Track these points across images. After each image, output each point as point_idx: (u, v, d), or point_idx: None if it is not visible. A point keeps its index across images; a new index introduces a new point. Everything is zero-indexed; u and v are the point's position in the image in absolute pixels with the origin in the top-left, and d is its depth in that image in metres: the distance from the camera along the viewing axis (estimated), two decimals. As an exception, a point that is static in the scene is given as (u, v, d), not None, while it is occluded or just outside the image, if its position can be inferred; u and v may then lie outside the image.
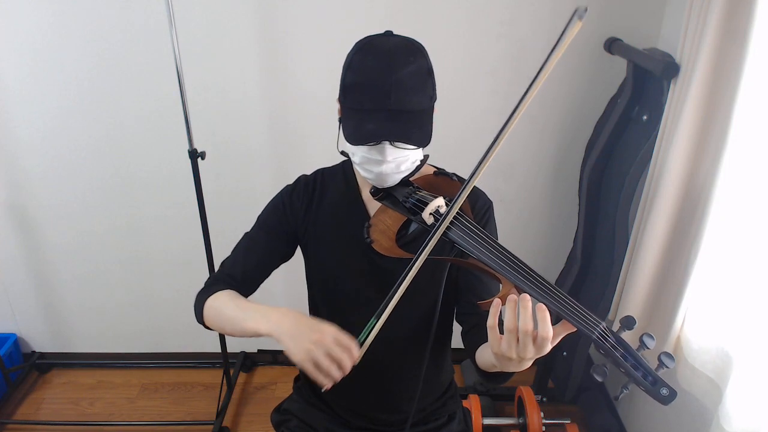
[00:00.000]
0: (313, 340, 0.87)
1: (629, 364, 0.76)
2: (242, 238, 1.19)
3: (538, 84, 0.80)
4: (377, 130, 0.94)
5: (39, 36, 1.88)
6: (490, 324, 0.78)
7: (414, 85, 0.94)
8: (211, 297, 1.08)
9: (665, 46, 1.76)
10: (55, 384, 2.42)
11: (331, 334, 0.88)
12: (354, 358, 0.88)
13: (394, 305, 0.89)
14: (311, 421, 1.29)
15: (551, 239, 2.26)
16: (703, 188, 1.38)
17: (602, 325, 0.78)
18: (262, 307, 0.98)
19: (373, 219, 1.03)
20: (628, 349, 0.77)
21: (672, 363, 0.75)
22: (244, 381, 2.43)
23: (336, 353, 0.87)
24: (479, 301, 0.85)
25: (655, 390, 0.75)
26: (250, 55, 1.92)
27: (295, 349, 0.88)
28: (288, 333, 0.90)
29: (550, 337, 0.75)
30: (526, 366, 0.82)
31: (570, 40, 0.77)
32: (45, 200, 2.16)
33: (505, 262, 0.84)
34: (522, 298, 0.75)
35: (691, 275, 1.42)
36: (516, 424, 2.08)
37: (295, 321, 0.92)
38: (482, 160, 0.86)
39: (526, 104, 0.81)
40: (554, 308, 0.78)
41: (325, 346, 0.87)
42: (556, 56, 0.78)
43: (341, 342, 0.88)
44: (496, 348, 0.79)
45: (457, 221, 0.90)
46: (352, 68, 0.96)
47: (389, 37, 0.98)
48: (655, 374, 0.75)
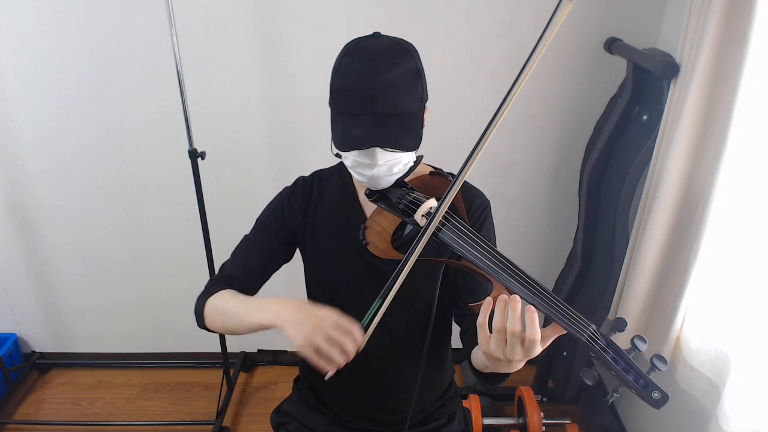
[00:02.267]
0: (313, 325, 0.87)
1: (620, 367, 0.75)
2: (242, 240, 1.19)
3: (529, 70, 0.80)
4: (364, 135, 0.92)
5: (39, 36, 1.88)
6: (480, 322, 0.78)
7: (401, 87, 0.93)
8: (211, 297, 1.08)
9: (665, 46, 1.76)
10: (55, 384, 2.42)
11: (331, 319, 0.88)
12: (357, 342, 0.87)
13: (397, 289, 0.87)
14: (311, 423, 1.28)
15: (551, 239, 2.26)
16: (703, 188, 1.38)
17: (592, 327, 0.77)
18: (262, 300, 0.98)
19: (369, 221, 1.02)
20: (618, 352, 0.76)
21: (664, 366, 0.75)
22: (244, 381, 2.43)
23: (337, 336, 0.86)
24: (471, 303, 0.85)
25: (647, 393, 0.75)
26: (250, 54, 1.92)
27: (296, 335, 0.88)
28: (289, 321, 0.90)
29: (538, 340, 0.75)
30: (516, 367, 0.81)
31: (560, 24, 0.76)
32: (45, 200, 2.16)
33: (495, 264, 0.83)
34: (511, 299, 0.75)
35: (690, 275, 1.42)
36: (516, 424, 2.08)
37: (296, 309, 0.92)
38: (469, 158, 0.85)
39: (516, 93, 0.81)
40: (544, 310, 0.78)
41: (325, 330, 0.87)
42: (546, 40, 0.78)
43: (342, 326, 0.87)
44: (485, 347, 0.79)
45: (448, 222, 0.90)
46: (340, 72, 0.95)
47: (377, 38, 0.97)
48: (646, 377, 0.75)
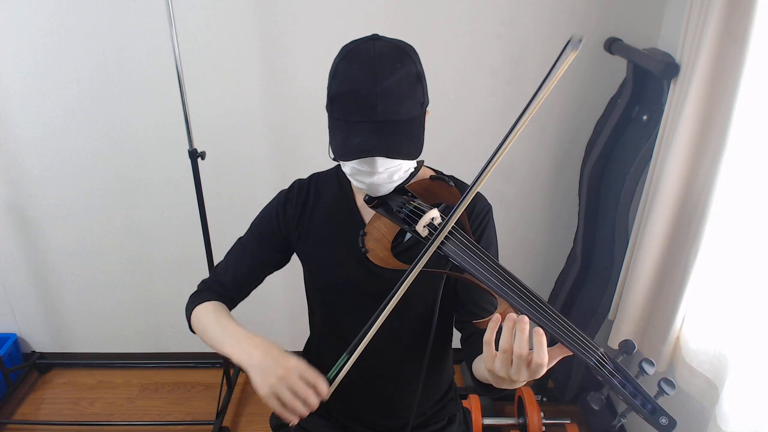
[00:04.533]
0: (279, 375, 0.86)
1: (627, 392, 0.73)
2: (235, 243, 1.18)
3: (530, 114, 0.78)
4: (364, 144, 0.89)
5: (39, 36, 1.88)
6: (487, 339, 0.76)
7: (402, 93, 0.90)
8: (198, 307, 1.08)
9: (665, 46, 1.76)
10: (55, 384, 2.42)
11: (297, 370, 0.87)
12: (322, 395, 0.87)
13: (372, 336, 0.86)
14: (311, 427, 1.27)
15: (551, 239, 2.26)
16: (703, 188, 1.38)
17: (600, 350, 0.75)
18: (239, 333, 0.97)
19: (368, 227, 0.99)
20: (626, 376, 0.74)
21: (672, 390, 0.73)
22: (244, 381, 2.43)
23: (300, 389, 0.86)
24: (475, 321, 0.84)
25: (654, 419, 0.73)
26: (250, 55, 1.92)
27: (260, 383, 0.88)
28: (256, 366, 0.89)
29: (544, 364, 0.73)
30: (518, 386, 0.80)
31: (564, 71, 0.76)
32: (45, 200, 2.16)
33: (501, 282, 0.81)
34: (520, 321, 0.73)
35: (690, 275, 1.42)
36: (516, 424, 2.08)
37: (265, 353, 0.91)
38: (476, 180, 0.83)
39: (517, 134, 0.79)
40: (551, 331, 0.76)
41: (290, 382, 0.86)
42: (549, 86, 0.76)
43: (307, 378, 0.87)
44: (490, 364, 0.77)
45: (452, 236, 0.86)
46: (338, 77, 0.92)
47: (375, 41, 0.92)
48: (654, 402, 0.73)
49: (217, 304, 1.09)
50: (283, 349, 0.92)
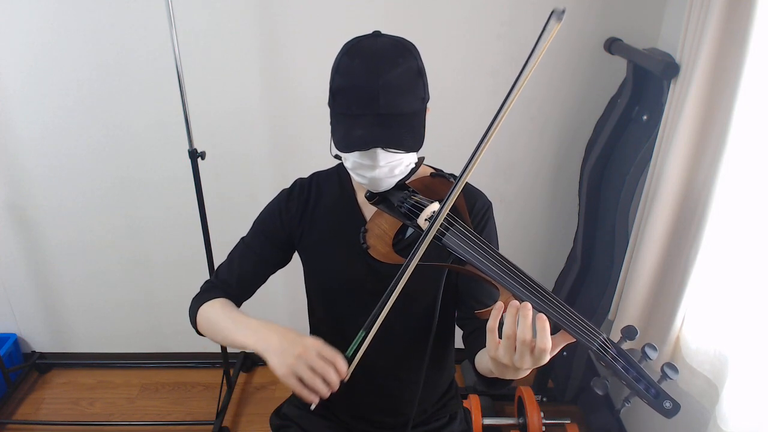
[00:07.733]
0: (297, 354, 0.86)
1: (631, 377, 0.74)
2: (238, 242, 1.18)
3: (519, 88, 0.79)
4: (366, 136, 0.91)
5: (39, 36, 1.88)
6: (490, 326, 0.77)
7: (403, 87, 0.92)
8: (204, 305, 1.08)
9: (665, 46, 1.76)
10: (55, 384, 2.42)
11: (315, 348, 0.87)
12: (341, 372, 0.87)
13: (384, 316, 0.86)
14: (311, 427, 1.27)
15: (551, 239, 2.26)
16: (703, 189, 1.38)
17: (602, 335, 0.76)
18: (251, 322, 0.98)
19: (369, 223, 1.00)
20: (629, 361, 0.74)
21: (676, 375, 0.73)
22: (244, 381, 2.43)
23: (319, 367, 0.86)
24: (477, 311, 0.84)
25: (658, 403, 0.73)
26: (250, 54, 1.92)
27: (278, 364, 0.88)
28: (273, 349, 0.90)
29: (548, 349, 0.74)
30: (522, 375, 0.80)
31: (549, 43, 0.76)
32: (45, 200, 2.16)
33: (503, 271, 0.81)
34: (523, 307, 0.74)
35: (690, 275, 1.42)
36: (516, 424, 2.08)
37: (281, 335, 0.91)
38: (470, 160, 0.84)
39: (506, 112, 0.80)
40: (553, 318, 0.77)
41: (308, 359, 0.86)
42: (536, 60, 0.77)
43: (325, 355, 0.87)
44: (493, 352, 0.77)
45: (452, 226, 0.88)
46: (340, 72, 0.94)
47: (377, 37, 0.95)
48: (657, 386, 0.74)
49: (225, 300, 1.09)
50: (298, 332, 0.93)
